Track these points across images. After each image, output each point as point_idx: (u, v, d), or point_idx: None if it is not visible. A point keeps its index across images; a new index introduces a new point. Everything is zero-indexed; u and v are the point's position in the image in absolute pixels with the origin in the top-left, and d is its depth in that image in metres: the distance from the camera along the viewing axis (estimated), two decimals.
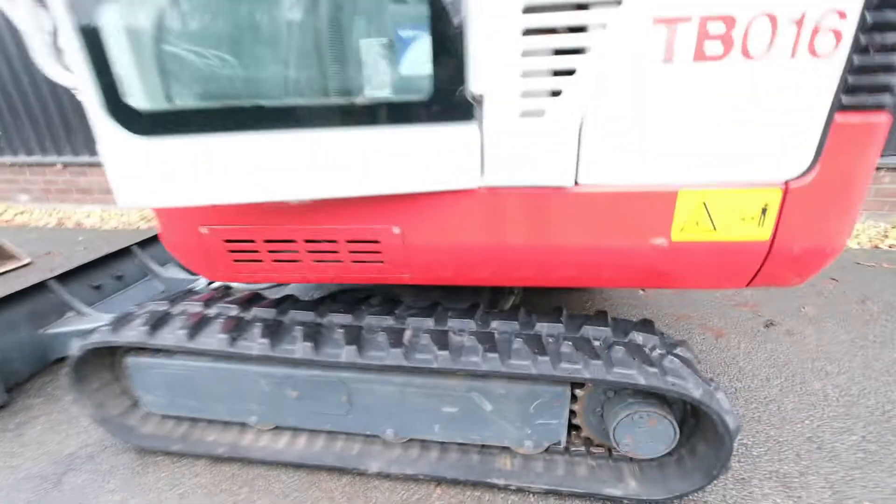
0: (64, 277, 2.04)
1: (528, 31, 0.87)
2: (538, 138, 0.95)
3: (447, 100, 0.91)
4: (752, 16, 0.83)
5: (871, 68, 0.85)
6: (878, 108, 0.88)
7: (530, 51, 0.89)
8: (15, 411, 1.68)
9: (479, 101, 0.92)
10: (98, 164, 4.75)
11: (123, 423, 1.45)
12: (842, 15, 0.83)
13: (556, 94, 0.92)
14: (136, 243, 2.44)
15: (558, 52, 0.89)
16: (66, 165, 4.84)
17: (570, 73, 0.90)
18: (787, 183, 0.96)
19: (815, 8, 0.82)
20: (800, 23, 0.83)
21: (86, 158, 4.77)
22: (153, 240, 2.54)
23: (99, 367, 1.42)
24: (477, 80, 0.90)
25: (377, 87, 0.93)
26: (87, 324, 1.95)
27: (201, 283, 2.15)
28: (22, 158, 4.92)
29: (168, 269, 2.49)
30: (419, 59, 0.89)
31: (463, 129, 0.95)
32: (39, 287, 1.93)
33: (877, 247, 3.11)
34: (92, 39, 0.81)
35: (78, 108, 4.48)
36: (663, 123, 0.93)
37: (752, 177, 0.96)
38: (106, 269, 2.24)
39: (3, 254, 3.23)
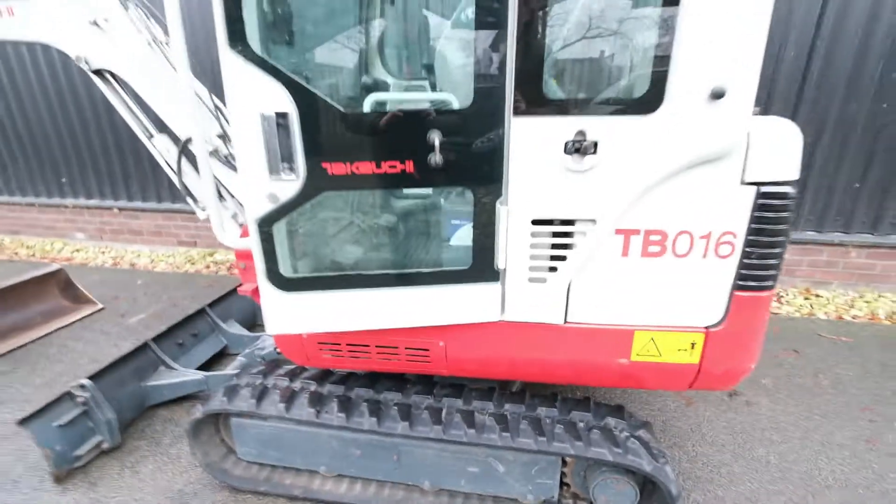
0: (157, 338, 2.52)
1: (535, 234, 1.36)
2: (541, 294, 1.43)
3: (482, 269, 1.40)
4: (676, 232, 1.32)
5: (755, 266, 1.33)
6: (762, 289, 1.36)
7: (536, 244, 1.38)
8: (127, 451, 2.14)
9: (504, 270, 1.41)
10: (149, 210, 5.33)
11: (221, 467, 1.90)
12: (734, 234, 1.31)
13: (552, 269, 1.40)
14: (207, 304, 2.93)
15: (555, 245, 1.38)
16: (121, 210, 5.41)
17: (562, 258, 1.38)
18: (707, 328, 1.42)
19: (717, 230, 1.31)
20: (707, 237, 1.32)
21: (139, 204, 5.35)
22: (218, 301, 3.04)
23: (207, 424, 1.89)
24: (502, 260, 1.39)
25: (437, 263, 1.42)
26: (177, 377, 2.43)
27: (262, 341, 2.63)
28: (82, 201, 5.52)
29: (231, 326, 2.98)
30: (466, 244, 1.39)
31: (491, 286, 1.43)
32: (141, 347, 2.42)
33: (841, 317, 3.54)
34: (266, 238, 1.32)
35: (136, 159, 5.08)
36: (624, 290, 1.40)
37: (684, 323, 1.43)
38: (186, 328, 2.73)
39: (79, 298, 3.74)
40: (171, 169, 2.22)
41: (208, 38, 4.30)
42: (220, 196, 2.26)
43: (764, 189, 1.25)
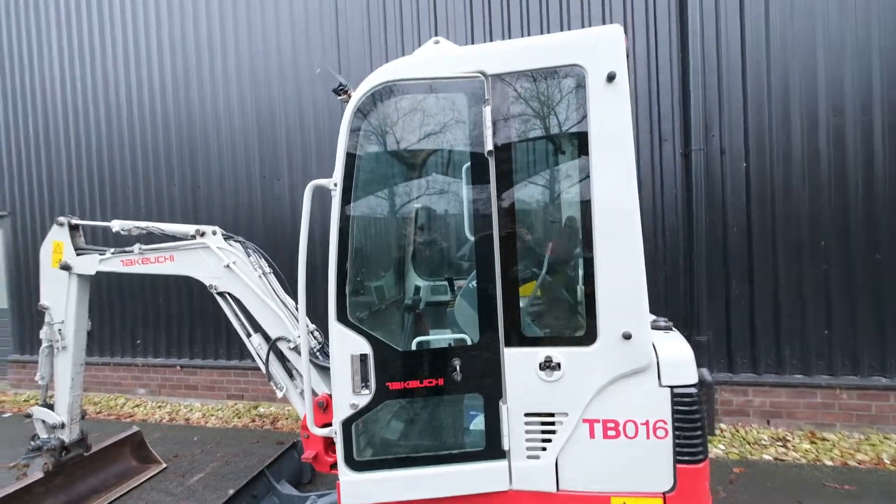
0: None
1: (528, 423, 1.98)
2: (536, 467, 1.98)
3: (493, 449, 1.99)
4: (624, 420, 1.92)
5: (685, 444, 1.88)
6: (695, 462, 1.88)
7: (529, 430, 1.98)
8: None
9: (508, 450, 1.99)
10: (207, 367, 6.09)
11: None
12: (665, 421, 1.90)
13: (543, 448, 1.97)
14: (266, 467, 3.43)
15: (543, 431, 1.98)
16: (182, 367, 6.19)
17: (549, 440, 1.97)
18: (664, 494, 1.91)
19: (652, 418, 1.90)
20: (646, 424, 1.91)
21: (198, 362, 6.14)
22: (273, 462, 3.54)
23: None
24: (506, 442, 1.98)
25: (461, 445, 2.02)
26: None
27: (311, 502, 3.05)
28: (150, 360, 6.35)
29: (283, 486, 3.41)
30: (480, 429, 2.00)
31: (500, 462, 1.99)
32: None
33: (846, 463, 3.72)
34: (346, 433, 1.97)
35: (201, 324, 6.02)
36: (596, 463, 1.94)
37: (646, 490, 1.92)
38: (248, 490, 3.20)
39: (147, 458, 4.25)
40: (261, 359, 2.99)
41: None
42: (291, 376, 2.98)
43: (675, 390, 1.88)
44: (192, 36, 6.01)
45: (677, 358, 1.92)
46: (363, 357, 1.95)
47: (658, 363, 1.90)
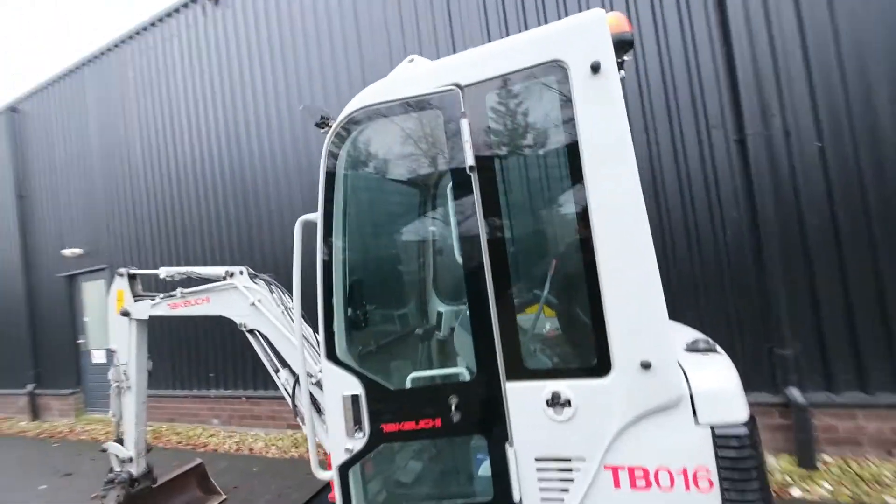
0: None
1: (540, 469, 1.72)
2: None
3: (503, 499, 1.75)
4: (654, 467, 1.59)
5: (737, 500, 1.51)
6: None
7: (543, 477, 1.72)
8: None
9: (520, 501, 1.74)
10: (268, 398, 6.38)
11: None
12: (707, 469, 1.54)
13: (561, 500, 1.70)
14: (305, 502, 3.42)
15: (558, 478, 1.71)
16: (248, 398, 6.55)
17: (566, 490, 1.69)
18: None
19: (690, 466, 1.56)
20: (684, 472, 1.57)
21: (262, 392, 6.45)
22: (311, 499, 3.53)
23: None
24: (517, 492, 1.74)
25: (467, 494, 1.82)
26: None
27: None
28: (221, 392, 6.81)
29: None
30: (488, 475, 1.78)
31: None
32: None
33: None
34: (343, 479, 1.86)
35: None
36: None
37: None
38: None
39: (210, 489, 4.48)
40: (287, 394, 3.01)
41: None
42: (319, 410, 2.95)
43: (718, 430, 1.53)
44: (241, 105, 6.62)
45: (717, 389, 1.57)
46: (354, 398, 1.84)
47: (692, 396, 1.56)
